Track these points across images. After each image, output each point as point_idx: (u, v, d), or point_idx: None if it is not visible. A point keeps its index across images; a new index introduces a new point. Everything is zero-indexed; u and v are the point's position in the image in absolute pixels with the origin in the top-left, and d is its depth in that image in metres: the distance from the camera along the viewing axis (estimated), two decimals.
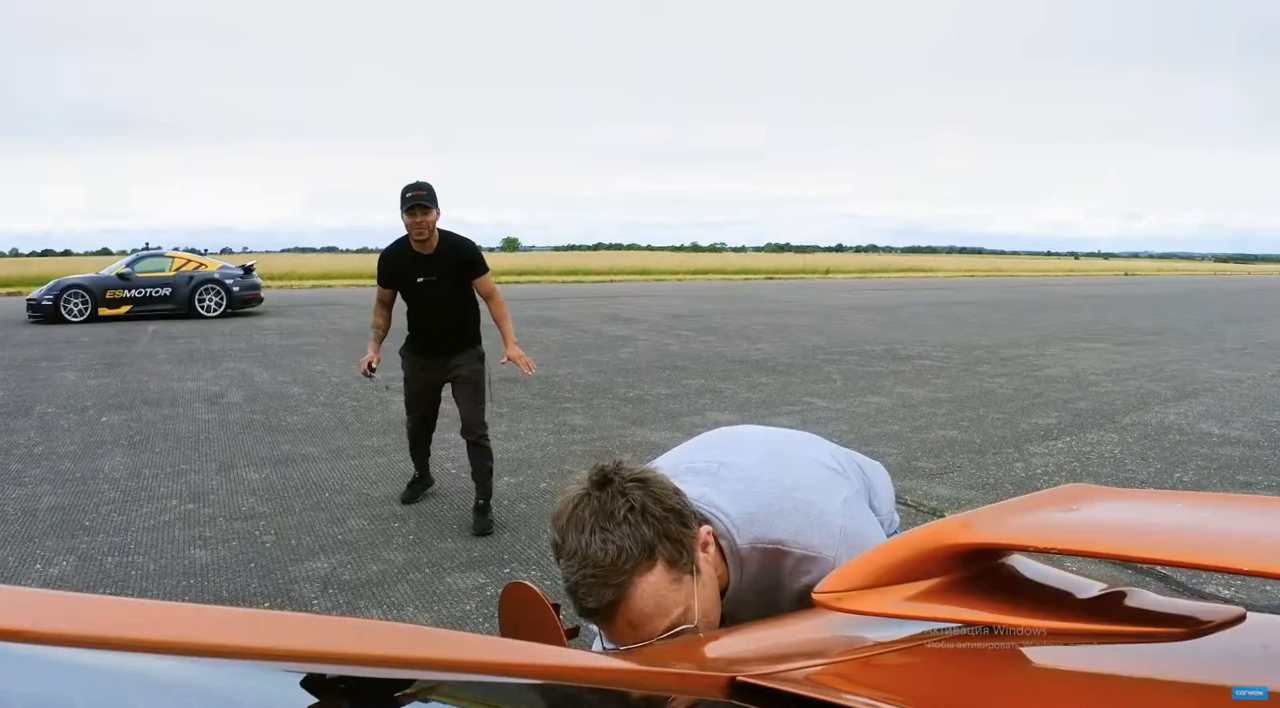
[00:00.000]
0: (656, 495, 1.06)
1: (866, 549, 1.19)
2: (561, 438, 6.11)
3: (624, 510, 1.04)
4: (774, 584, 1.20)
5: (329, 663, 0.61)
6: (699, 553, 1.10)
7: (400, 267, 4.10)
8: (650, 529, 1.04)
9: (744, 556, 1.18)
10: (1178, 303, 22.99)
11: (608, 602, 1.03)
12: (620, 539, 1.02)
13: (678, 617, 1.05)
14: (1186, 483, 5.03)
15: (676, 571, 1.05)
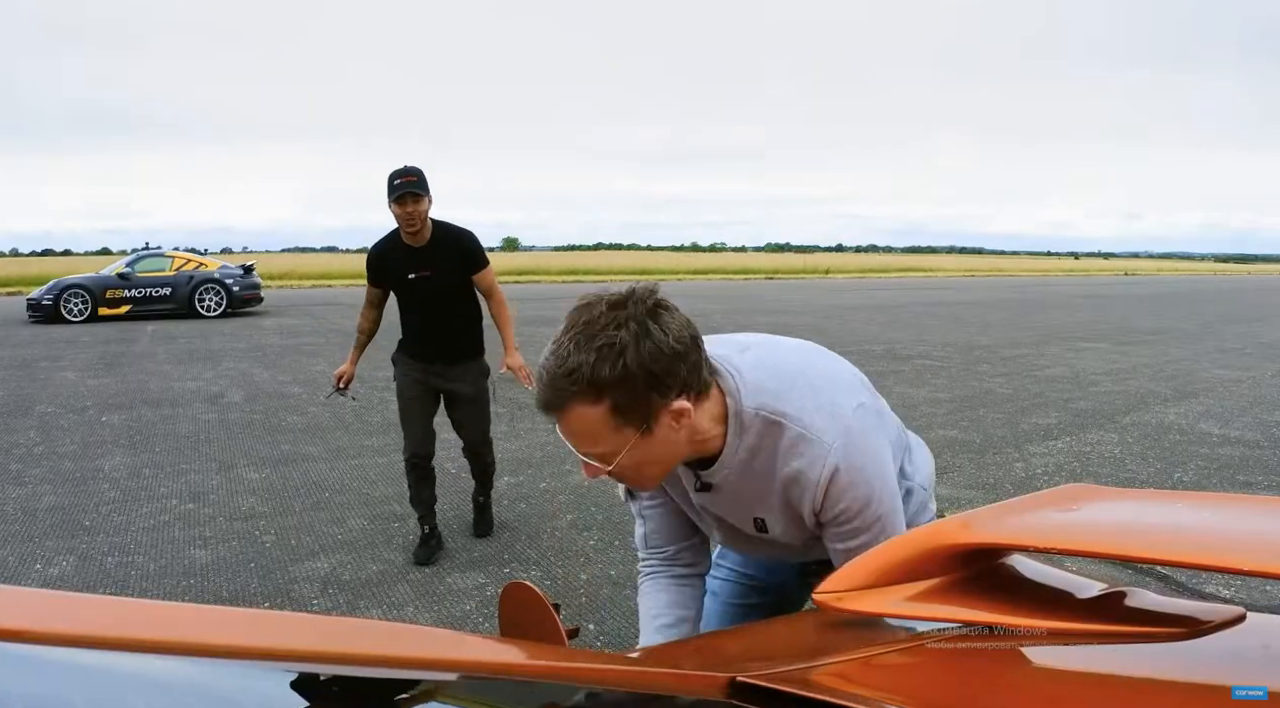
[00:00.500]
0: (648, 350, 1.05)
1: (867, 461, 1.19)
2: (561, 437, 6.11)
3: (604, 342, 1.03)
4: (768, 460, 1.20)
5: (329, 663, 0.61)
6: (664, 417, 1.08)
7: (391, 261, 3.65)
8: (612, 373, 1.03)
9: (746, 420, 1.17)
10: (1178, 303, 22.99)
11: (547, 404, 1.07)
12: (581, 362, 1.03)
13: (600, 454, 1.09)
14: (1186, 483, 5.03)
15: (622, 420, 1.06)
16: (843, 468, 1.18)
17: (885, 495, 1.23)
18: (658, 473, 1.17)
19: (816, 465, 1.18)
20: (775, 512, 1.25)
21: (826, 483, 1.18)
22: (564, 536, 4.12)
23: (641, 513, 1.41)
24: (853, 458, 1.19)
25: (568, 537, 4.10)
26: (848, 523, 1.21)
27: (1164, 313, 18.97)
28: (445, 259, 3.63)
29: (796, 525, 1.26)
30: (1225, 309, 20.61)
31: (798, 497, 1.21)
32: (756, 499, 1.25)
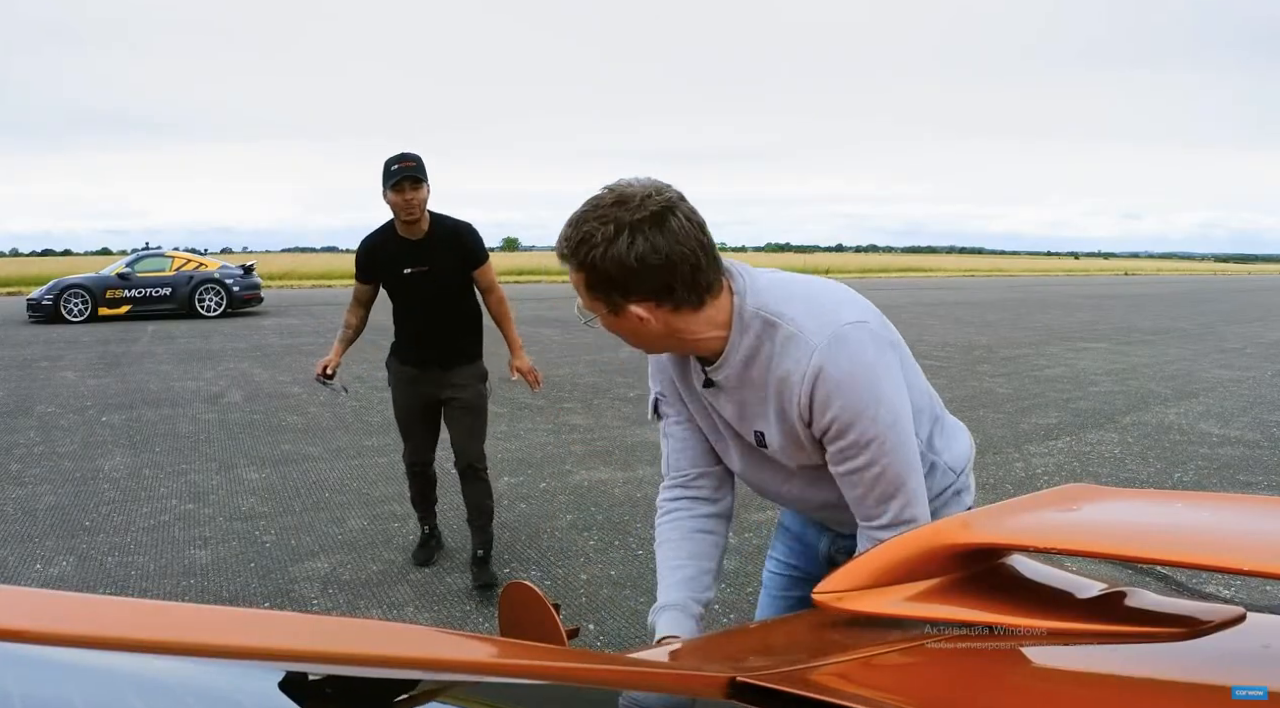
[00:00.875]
0: (612, 255, 1.14)
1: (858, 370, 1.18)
2: (561, 438, 6.11)
3: (586, 230, 1.15)
4: (764, 364, 1.23)
5: (329, 663, 0.61)
6: (630, 310, 1.19)
7: (385, 255, 3.35)
8: (587, 260, 1.16)
9: (747, 319, 1.23)
10: (1178, 303, 22.99)
11: (560, 254, 1.21)
12: (576, 236, 1.16)
13: (585, 306, 1.25)
14: (1186, 483, 5.03)
15: (593, 294, 1.20)
16: (827, 369, 1.17)
17: (881, 416, 1.19)
18: (637, 344, 1.27)
19: (801, 364, 1.19)
20: (772, 424, 1.26)
21: (811, 384, 1.18)
22: (564, 536, 4.12)
23: (666, 432, 1.44)
24: (838, 361, 1.18)
25: (568, 537, 4.10)
26: (840, 439, 1.21)
27: (1164, 313, 18.97)
28: (444, 254, 3.33)
29: (792, 442, 1.26)
30: (1225, 309, 20.61)
31: (788, 402, 1.22)
32: (755, 407, 1.27)
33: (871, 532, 1.25)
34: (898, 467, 1.21)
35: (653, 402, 1.45)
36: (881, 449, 1.20)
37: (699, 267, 1.18)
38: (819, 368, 1.18)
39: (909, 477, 1.23)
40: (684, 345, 1.26)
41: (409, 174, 3.15)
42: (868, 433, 1.19)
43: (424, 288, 3.35)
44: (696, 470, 1.42)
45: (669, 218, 1.15)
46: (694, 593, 1.34)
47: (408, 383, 3.52)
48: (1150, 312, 19.31)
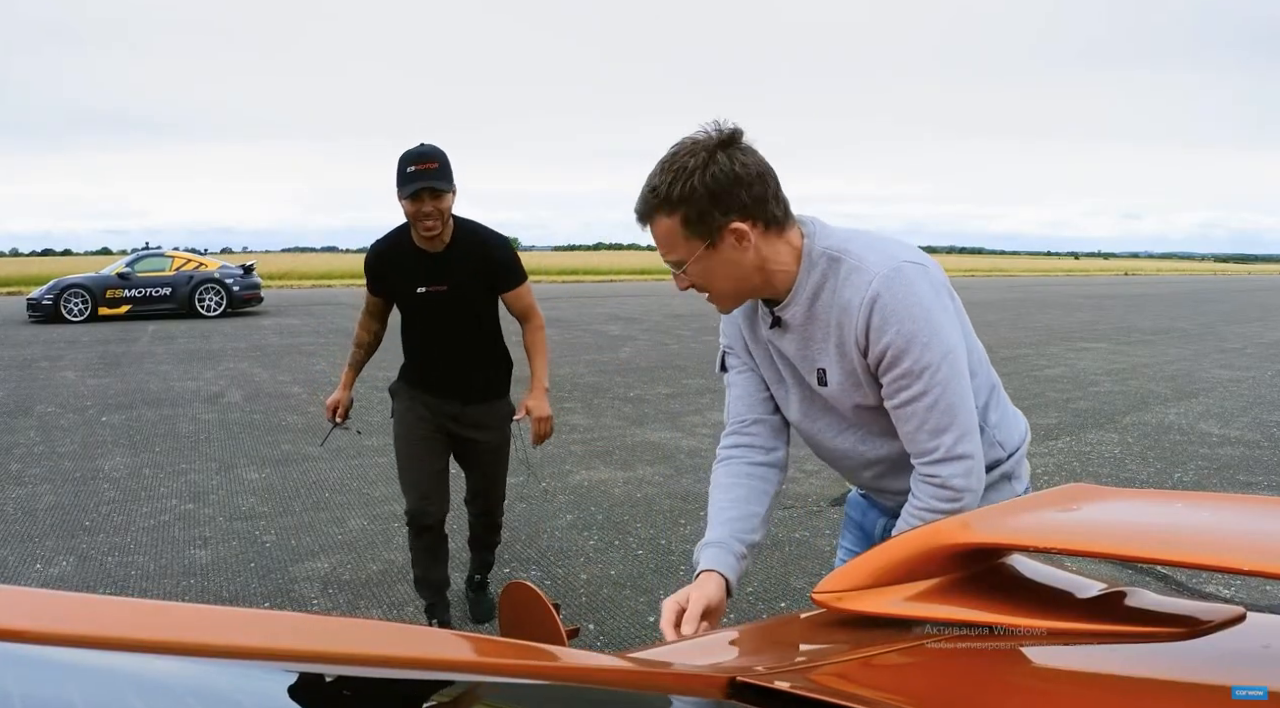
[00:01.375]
0: (714, 174, 1.23)
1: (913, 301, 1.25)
2: (561, 438, 6.11)
3: (680, 167, 1.23)
4: (829, 299, 1.31)
5: (329, 663, 0.61)
6: (726, 235, 1.26)
7: (396, 268, 2.81)
8: (684, 191, 1.23)
9: (814, 258, 1.32)
10: (1178, 303, 22.99)
11: (640, 216, 1.29)
12: (664, 183, 1.24)
13: (676, 258, 1.29)
14: (1186, 483, 5.03)
15: (691, 232, 1.26)
16: (883, 296, 1.25)
17: (935, 345, 1.26)
18: (728, 289, 1.32)
19: (860, 292, 1.27)
20: (833, 359, 1.33)
21: (868, 310, 1.25)
22: (564, 536, 4.12)
23: (730, 381, 1.52)
24: (894, 290, 1.25)
25: (568, 537, 4.10)
26: (894, 367, 1.26)
27: (1164, 313, 18.97)
28: (468, 272, 2.77)
29: (850, 378, 1.32)
30: (1225, 309, 20.61)
31: (847, 331, 1.29)
32: (819, 344, 1.34)
33: (925, 468, 1.30)
34: (951, 398, 1.27)
35: (721, 355, 1.54)
36: (934, 378, 1.26)
37: (779, 184, 1.29)
38: (876, 294, 1.25)
39: (962, 411, 1.28)
40: (766, 279, 1.32)
41: (429, 182, 2.56)
42: (921, 360, 1.25)
43: (441, 311, 2.81)
44: (753, 416, 1.49)
45: (742, 139, 1.26)
46: (738, 533, 1.39)
47: (418, 412, 2.96)
48: (1150, 312, 19.31)
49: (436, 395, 2.96)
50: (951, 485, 1.27)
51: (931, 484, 1.29)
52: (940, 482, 1.28)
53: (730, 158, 1.24)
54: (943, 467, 1.27)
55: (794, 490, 4.72)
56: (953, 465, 1.27)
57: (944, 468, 1.27)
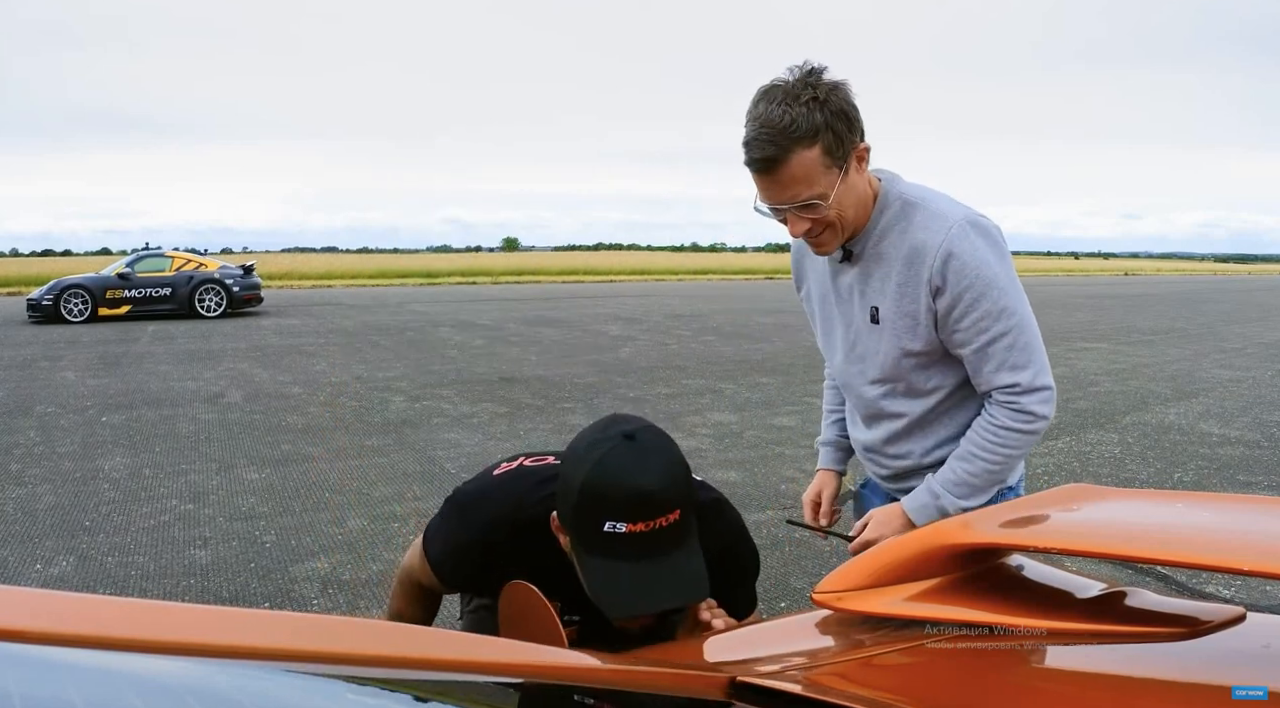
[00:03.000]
0: (840, 97, 1.27)
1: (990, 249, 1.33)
2: (561, 438, 6.11)
3: (808, 97, 1.25)
4: (898, 239, 1.37)
5: (329, 663, 0.61)
6: (852, 162, 1.30)
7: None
8: (823, 118, 1.25)
9: (890, 200, 1.39)
10: (1177, 303, 22.99)
11: (769, 157, 1.26)
12: (795, 115, 1.24)
13: (818, 193, 1.29)
14: (1186, 483, 5.03)
15: (830, 160, 1.28)
16: (964, 242, 1.31)
17: (1011, 291, 1.34)
18: (851, 216, 1.35)
19: (937, 236, 1.33)
20: (890, 298, 1.39)
21: (945, 254, 1.31)
22: None
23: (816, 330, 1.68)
24: (972, 239, 1.32)
25: None
26: (975, 309, 1.32)
27: (1164, 313, 18.97)
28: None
29: (907, 319, 1.38)
30: (1225, 309, 20.61)
31: (918, 269, 1.35)
32: (878, 282, 1.40)
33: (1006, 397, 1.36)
34: (1028, 336, 1.35)
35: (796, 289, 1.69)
36: (1013, 319, 1.33)
37: None
38: (955, 240, 1.32)
39: (1038, 347, 1.37)
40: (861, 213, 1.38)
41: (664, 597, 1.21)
42: (1000, 302, 1.32)
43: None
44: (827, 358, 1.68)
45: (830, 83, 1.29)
46: (842, 433, 1.71)
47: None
48: (1150, 312, 19.31)
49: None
50: (1032, 411, 1.35)
51: (1012, 408, 1.36)
52: (1021, 407, 1.35)
53: (836, 84, 1.28)
54: (1026, 397, 1.35)
55: (795, 491, 4.72)
56: (1035, 395, 1.35)
57: (1026, 398, 1.35)
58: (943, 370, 1.43)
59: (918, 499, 1.44)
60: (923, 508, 1.42)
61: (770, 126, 1.25)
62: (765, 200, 1.33)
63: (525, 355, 10.36)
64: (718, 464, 4.95)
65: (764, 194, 1.32)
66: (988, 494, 1.41)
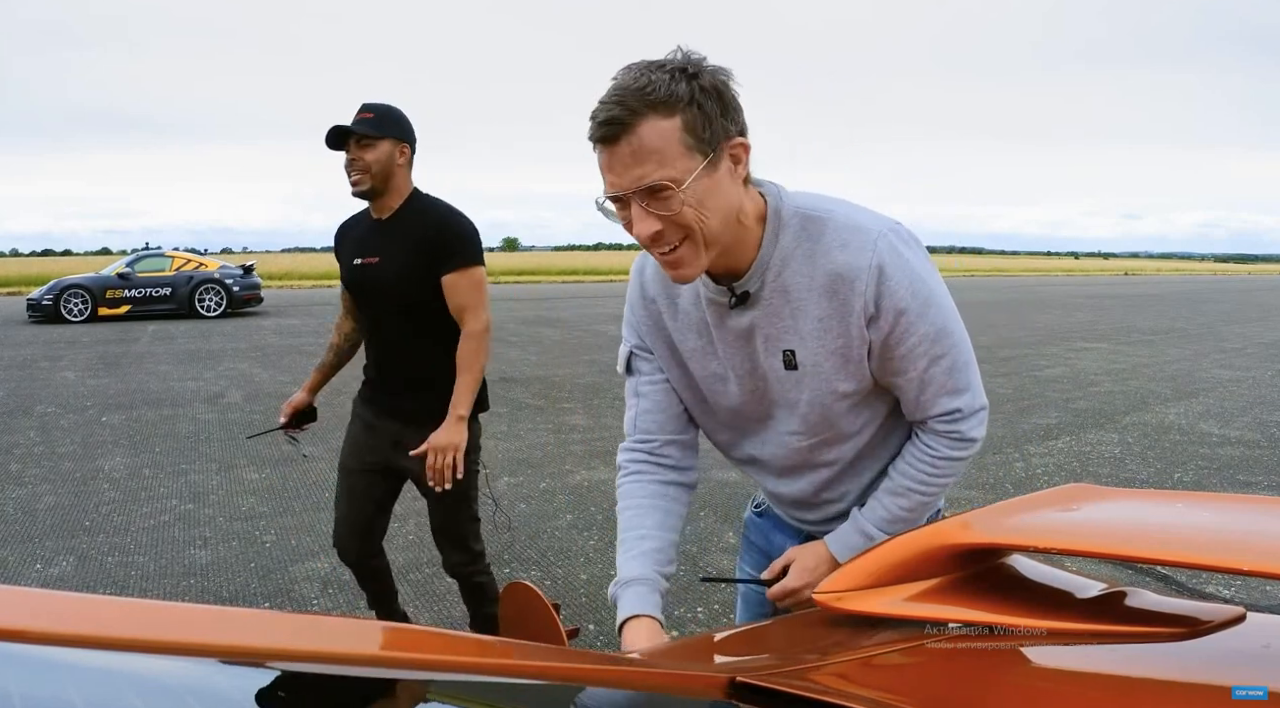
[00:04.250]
0: (717, 78, 1.04)
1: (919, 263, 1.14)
2: (561, 438, 6.11)
3: (675, 67, 1.03)
4: (805, 265, 1.14)
5: (329, 663, 0.61)
6: (726, 151, 1.05)
7: (348, 240, 2.49)
8: (688, 90, 1.01)
9: (785, 218, 1.15)
10: (1177, 303, 22.99)
11: (614, 119, 1.01)
12: (654, 79, 1.01)
13: (669, 176, 1.02)
14: (1186, 483, 5.03)
15: (693, 140, 1.02)
16: (896, 259, 1.12)
17: (946, 305, 1.17)
18: (716, 228, 1.07)
19: (864, 254, 1.11)
20: (808, 336, 1.17)
21: (878, 273, 1.11)
22: (564, 536, 4.12)
23: (639, 390, 1.35)
24: (902, 252, 1.13)
25: (568, 537, 4.10)
26: (914, 331, 1.14)
27: (1164, 313, 18.97)
28: (403, 243, 2.31)
29: (837, 356, 1.17)
30: (1225, 309, 20.61)
31: (846, 299, 1.13)
32: (788, 320, 1.17)
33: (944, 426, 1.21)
34: (965, 355, 1.20)
35: (626, 355, 1.34)
36: (951, 338, 1.17)
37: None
38: (885, 256, 1.11)
39: (971, 366, 1.21)
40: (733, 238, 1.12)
41: (355, 127, 2.26)
42: (937, 322, 1.15)
43: (373, 290, 2.38)
44: (665, 437, 1.35)
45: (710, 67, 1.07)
46: (660, 566, 1.26)
47: (355, 433, 2.55)
48: (1150, 312, 19.31)
49: (376, 405, 2.47)
50: (971, 436, 1.22)
51: (952, 438, 1.22)
52: (959, 434, 1.22)
53: (715, 67, 1.05)
54: (963, 422, 1.21)
55: None
56: (974, 417, 1.22)
57: (964, 423, 1.21)
58: (872, 405, 1.25)
59: (847, 541, 1.28)
60: (853, 551, 1.24)
61: (622, 89, 1.01)
62: (608, 188, 1.06)
63: (525, 355, 10.36)
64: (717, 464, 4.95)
65: (607, 179, 1.05)
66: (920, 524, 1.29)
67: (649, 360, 1.33)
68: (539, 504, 4.60)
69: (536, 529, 4.20)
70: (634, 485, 1.33)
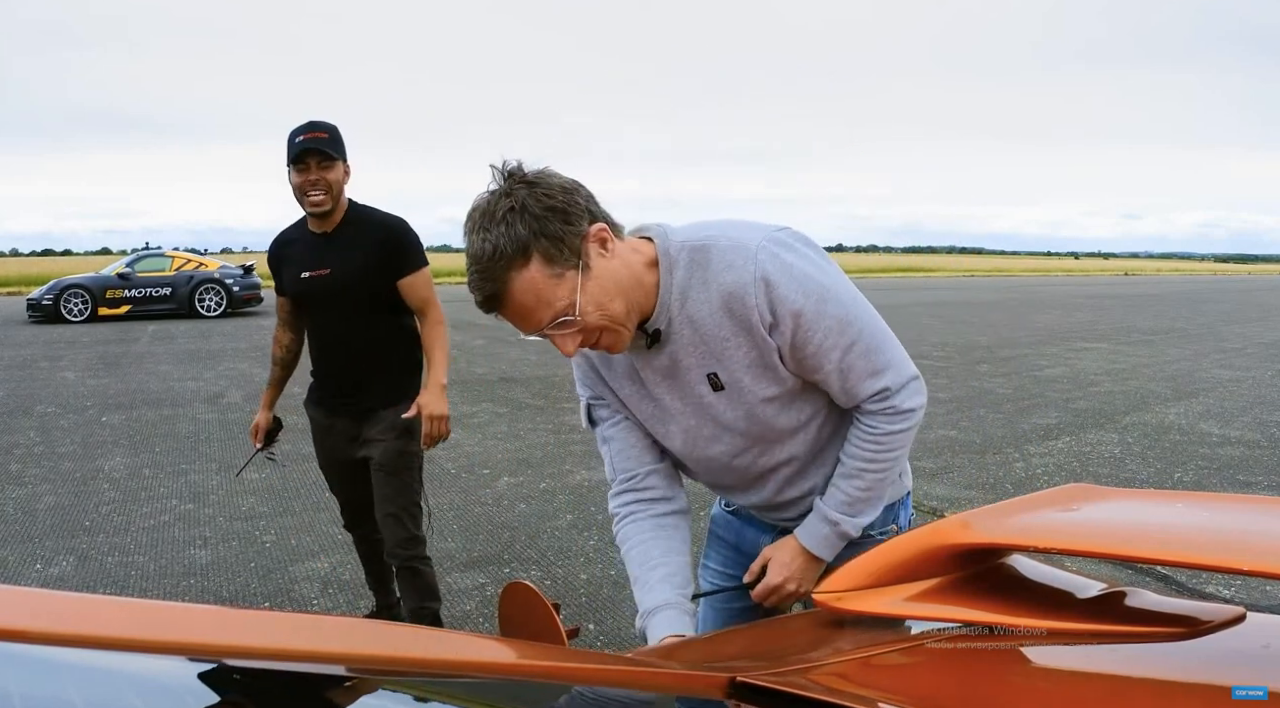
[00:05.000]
0: (540, 196, 1.10)
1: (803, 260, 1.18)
2: (561, 438, 6.11)
3: (504, 211, 1.09)
4: (703, 292, 1.20)
5: (329, 663, 0.61)
6: (589, 247, 1.13)
7: (289, 256, 2.62)
8: (526, 228, 1.09)
9: (674, 254, 1.21)
10: (1177, 303, 22.99)
11: (490, 295, 1.12)
12: (496, 238, 1.09)
13: (561, 309, 1.12)
14: (1186, 483, 5.03)
15: (557, 266, 1.11)
16: (775, 262, 1.16)
17: (842, 292, 1.20)
18: (621, 310, 1.17)
19: (748, 268, 1.16)
20: (725, 357, 1.22)
21: (764, 283, 1.16)
22: (564, 535, 4.12)
23: (605, 436, 1.39)
24: (783, 257, 1.17)
25: (568, 537, 4.10)
26: (816, 327, 1.18)
27: (1164, 313, 18.97)
28: (354, 254, 2.50)
29: (756, 367, 1.22)
30: (1225, 309, 20.61)
31: (743, 315, 1.18)
32: (702, 348, 1.23)
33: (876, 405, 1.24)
34: (876, 334, 1.22)
35: (585, 409, 1.40)
36: (857, 324, 1.20)
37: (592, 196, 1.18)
38: (765, 265, 1.16)
39: (888, 340, 1.24)
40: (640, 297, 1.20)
41: (316, 146, 2.39)
42: (836, 312, 1.19)
43: (324, 299, 2.56)
44: (645, 469, 1.38)
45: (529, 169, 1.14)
46: (680, 589, 1.28)
47: (321, 431, 2.77)
48: (1150, 312, 19.31)
49: (329, 410, 2.70)
50: (908, 408, 1.25)
51: (887, 414, 1.24)
52: (894, 408, 1.24)
53: (536, 181, 1.12)
54: (895, 397, 1.24)
55: None
56: (905, 390, 1.24)
57: (896, 398, 1.24)
58: (808, 400, 1.29)
59: (815, 532, 1.31)
60: (824, 540, 1.30)
61: (479, 261, 1.10)
62: (518, 328, 1.16)
63: (525, 355, 10.36)
64: None
65: (517, 328, 1.16)
66: (883, 503, 1.33)
67: (607, 406, 1.38)
68: (539, 504, 4.60)
69: (536, 529, 4.20)
70: (631, 527, 1.37)
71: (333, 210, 2.49)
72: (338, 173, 2.45)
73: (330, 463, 2.80)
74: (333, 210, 2.49)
